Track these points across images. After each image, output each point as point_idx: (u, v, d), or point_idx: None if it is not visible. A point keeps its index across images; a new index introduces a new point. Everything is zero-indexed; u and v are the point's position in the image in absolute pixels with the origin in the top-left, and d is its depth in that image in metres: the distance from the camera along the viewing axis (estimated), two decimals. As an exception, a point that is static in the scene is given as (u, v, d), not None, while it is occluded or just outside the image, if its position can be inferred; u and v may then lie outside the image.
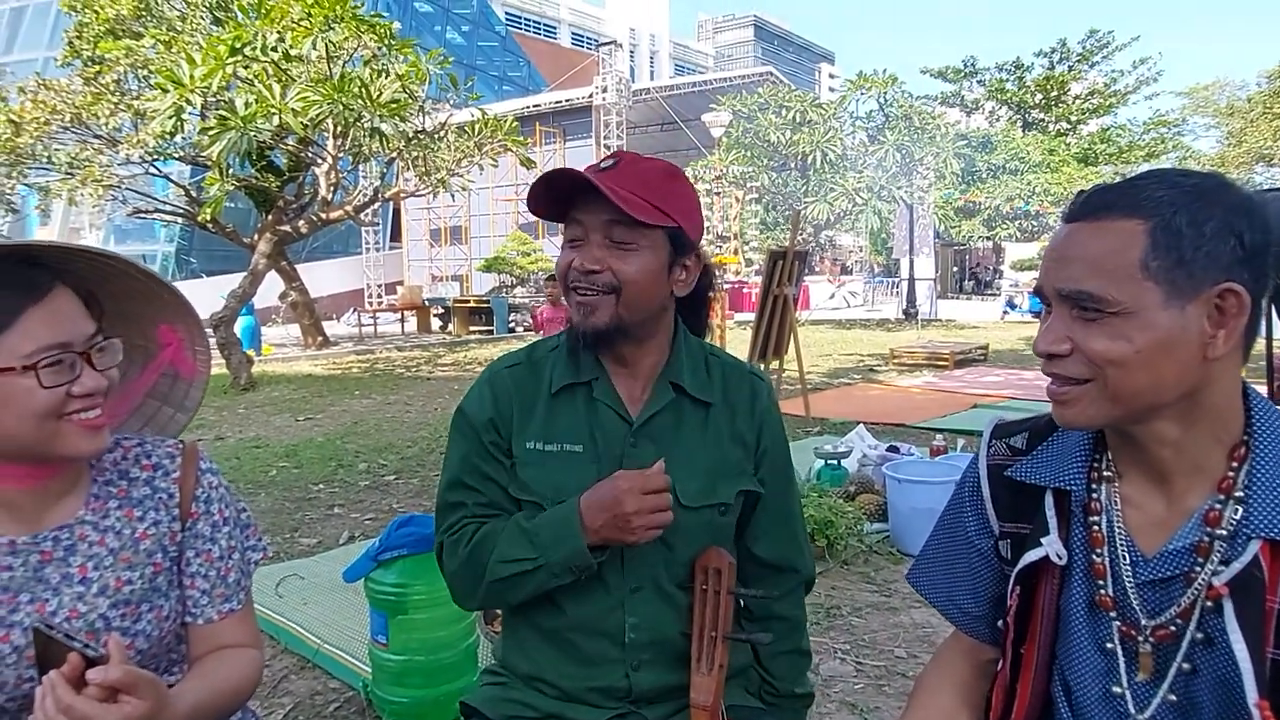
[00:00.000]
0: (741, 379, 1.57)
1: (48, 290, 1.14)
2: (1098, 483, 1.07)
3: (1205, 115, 36.18)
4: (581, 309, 1.41)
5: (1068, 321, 0.97)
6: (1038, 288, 1.02)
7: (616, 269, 1.38)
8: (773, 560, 1.58)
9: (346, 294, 28.51)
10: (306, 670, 3.29)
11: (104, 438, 1.20)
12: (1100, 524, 1.05)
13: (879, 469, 5.11)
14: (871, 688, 3.07)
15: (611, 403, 1.48)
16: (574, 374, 1.49)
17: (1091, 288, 0.94)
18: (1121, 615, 1.03)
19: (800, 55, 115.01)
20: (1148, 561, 1.01)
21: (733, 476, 1.50)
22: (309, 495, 5.95)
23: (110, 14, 13.32)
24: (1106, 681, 1.04)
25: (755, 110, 22.93)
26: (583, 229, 1.40)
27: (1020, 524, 1.14)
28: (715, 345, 1.64)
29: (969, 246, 34.40)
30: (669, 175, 1.44)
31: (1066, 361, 0.98)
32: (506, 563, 1.38)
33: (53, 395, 1.12)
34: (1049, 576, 1.08)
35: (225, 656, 1.33)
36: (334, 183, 13.19)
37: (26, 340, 1.11)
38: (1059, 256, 0.98)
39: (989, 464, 1.19)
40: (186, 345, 1.43)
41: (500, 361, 1.57)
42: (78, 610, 1.20)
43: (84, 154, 13.89)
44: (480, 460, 1.49)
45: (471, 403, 1.52)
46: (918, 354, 12.99)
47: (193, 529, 1.33)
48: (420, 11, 42.54)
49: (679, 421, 1.50)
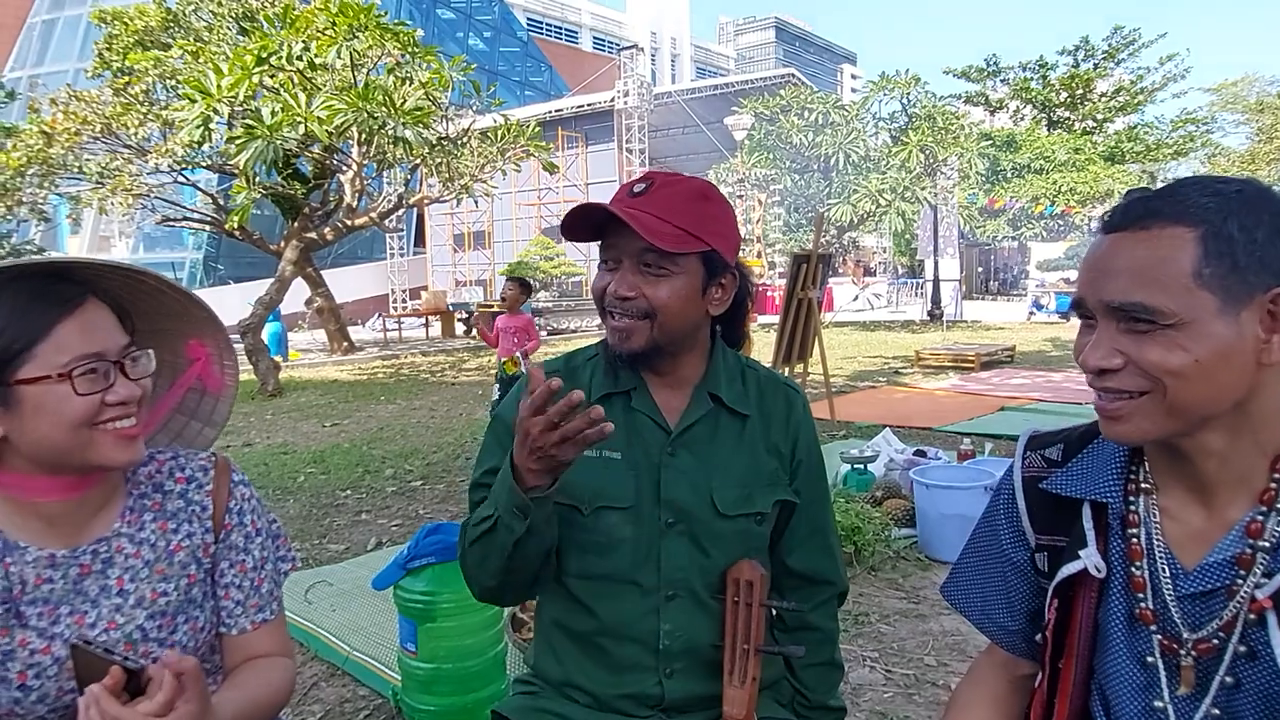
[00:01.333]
0: (777, 391, 1.58)
1: (80, 303, 1.16)
2: (1135, 495, 1.06)
3: (1234, 111, 35.73)
4: (618, 333, 1.43)
5: (1115, 334, 0.94)
6: (1077, 300, 0.99)
7: (650, 295, 1.40)
8: (807, 572, 1.58)
9: (371, 299, 28.69)
10: (336, 677, 3.31)
11: (138, 448, 1.21)
12: (1139, 537, 1.04)
13: (906, 473, 5.08)
14: (901, 696, 3.04)
15: (650, 412, 1.49)
16: (613, 384, 1.51)
17: (1144, 299, 0.91)
18: (1162, 629, 1.01)
19: (822, 57, 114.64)
20: (1188, 575, 1.00)
21: (769, 486, 1.51)
22: (336, 501, 5.99)
23: (139, 26, 13.53)
24: (1147, 696, 1.02)
25: (777, 112, 22.85)
26: (616, 253, 1.42)
27: (1056, 536, 1.12)
28: (751, 358, 1.64)
29: (994, 246, 34.15)
30: (702, 197, 1.44)
31: (1120, 375, 0.94)
32: (476, 525, 1.39)
33: (87, 403, 1.14)
34: (1087, 590, 1.07)
35: (259, 666, 1.34)
36: (359, 190, 13.29)
37: (61, 351, 1.13)
38: (1104, 268, 0.95)
39: (1024, 476, 1.18)
40: (215, 360, 1.45)
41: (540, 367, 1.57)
42: (115, 622, 1.22)
43: (114, 164, 14.06)
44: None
45: (508, 408, 1.53)
46: (943, 356, 12.89)
47: (226, 540, 1.35)
48: (443, 19, 42.78)
49: (716, 432, 1.51)
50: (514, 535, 1.32)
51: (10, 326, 1.12)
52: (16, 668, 1.16)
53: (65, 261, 1.20)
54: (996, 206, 29.59)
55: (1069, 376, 11.40)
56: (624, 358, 1.44)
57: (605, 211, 1.39)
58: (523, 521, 1.31)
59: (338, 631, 3.63)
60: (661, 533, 1.46)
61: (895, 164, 21.79)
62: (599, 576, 1.47)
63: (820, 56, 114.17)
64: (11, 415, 1.14)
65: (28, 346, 1.12)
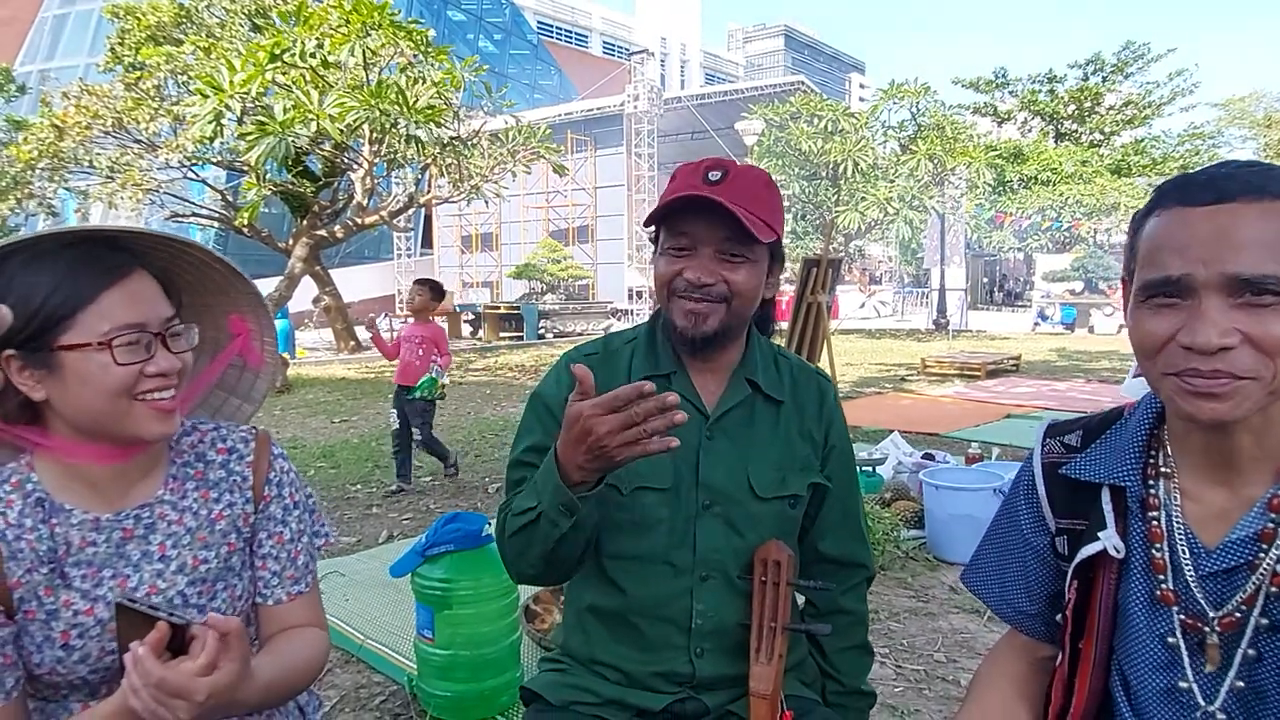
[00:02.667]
0: (809, 379, 1.61)
1: (127, 273, 1.18)
2: (1155, 479, 1.07)
3: (1242, 127, 35.74)
4: (693, 316, 1.44)
5: (1228, 310, 0.91)
6: (1172, 277, 0.94)
7: (731, 280, 1.43)
8: (839, 556, 1.61)
9: (378, 299, 28.74)
10: (351, 664, 3.33)
11: (174, 421, 1.23)
12: (1159, 519, 1.05)
13: (914, 476, 5.10)
14: (912, 691, 3.07)
15: (690, 395, 1.51)
16: (653, 366, 1.53)
17: (1277, 270, 0.89)
18: (1184, 609, 1.03)
19: (830, 65, 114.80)
20: (1210, 554, 1.01)
21: (802, 470, 1.53)
22: (347, 495, 6.01)
23: (151, 21, 13.61)
24: (1171, 676, 1.04)
25: (786, 119, 22.90)
26: (690, 239, 1.43)
27: (1076, 519, 1.14)
28: (782, 346, 1.67)
29: (1000, 257, 34.13)
30: (771, 187, 1.48)
31: (1234, 354, 0.91)
32: (517, 515, 1.38)
33: (127, 373, 1.15)
34: (1106, 571, 1.08)
35: (295, 636, 1.36)
36: (369, 188, 13.34)
37: (104, 319, 1.14)
38: (1225, 240, 0.91)
39: (1044, 461, 1.20)
40: (255, 336, 1.47)
41: (577, 350, 1.60)
42: (157, 587, 1.24)
43: (124, 158, 14.15)
44: (551, 440, 1.50)
45: (548, 386, 1.55)
46: (949, 364, 12.91)
47: (265, 511, 1.37)
48: (453, 20, 42.87)
49: (752, 417, 1.53)
50: (559, 530, 1.32)
51: (56, 292, 1.14)
52: (60, 627, 1.19)
53: (116, 231, 1.23)
54: (1004, 222, 29.59)
55: (1074, 386, 11.42)
56: (697, 341, 1.46)
57: (692, 201, 1.39)
58: (569, 519, 1.30)
59: (351, 620, 3.65)
60: (698, 514, 1.47)
61: (904, 172, 21.81)
62: (633, 556, 1.48)
63: (829, 65, 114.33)
64: (54, 380, 1.16)
65: (72, 313, 1.14)
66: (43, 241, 1.16)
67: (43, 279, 1.14)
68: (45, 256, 1.16)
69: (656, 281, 1.49)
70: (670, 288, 1.45)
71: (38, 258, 1.16)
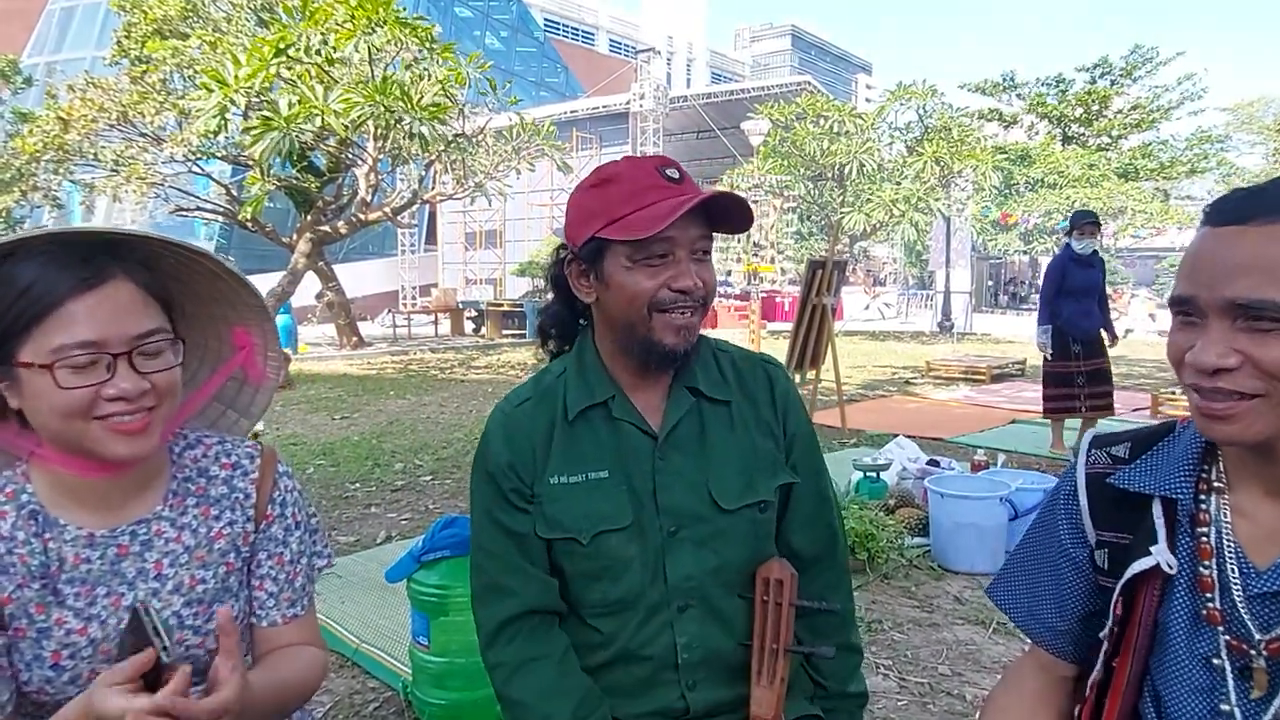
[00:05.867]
0: (754, 368, 1.53)
1: (101, 282, 1.10)
2: (1206, 494, 1.04)
3: (1250, 131, 35.66)
4: (686, 330, 1.36)
5: (1231, 332, 0.92)
6: (1183, 297, 0.95)
7: (706, 280, 1.37)
8: (811, 550, 1.53)
9: (381, 295, 28.71)
10: (345, 669, 3.29)
11: (143, 443, 1.14)
12: (1209, 536, 1.02)
13: (919, 482, 5.05)
14: (915, 705, 3.01)
15: (633, 419, 1.43)
16: (589, 395, 1.44)
17: (1275, 295, 0.89)
18: (1230, 630, 1.00)
19: (837, 65, 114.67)
20: (1260, 574, 0.98)
21: (768, 470, 1.46)
22: (346, 494, 5.97)
23: (158, 15, 13.55)
24: (1212, 699, 1.00)
25: (792, 119, 22.83)
26: (669, 245, 1.33)
27: (1121, 534, 1.11)
28: (721, 339, 1.59)
29: (1005, 260, 34.05)
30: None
31: (1235, 375, 0.92)
32: None
33: (75, 396, 1.08)
34: (1149, 588, 1.05)
35: (291, 654, 1.33)
36: (373, 185, 13.30)
37: (59, 334, 1.07)
38: (1227, 263, 0.92)
39: (1088, 472, 1.16)
40: (260, 350, 1.42)
41: (508, 401, 1.50)
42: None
43: (129, 152, 14.11)
44: (502, 514, 1.43)
45: (487, 448, 1.46)
46: (954, 367, 12.84)
47: (266, 531, 1.33)
48: (460, 16, 42.84)
49: (703, 426, 1.45)
50: None
51: (19, 301, 1.08)
52: (51, 646, 1.15)
53: (123, 234, 1.17)
54: (1010, 222, 29.50)
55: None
56: (681, 355, 1.38)
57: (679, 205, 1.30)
58: None
59: (346, 623, 3.61)
60: (665, 544, 1.41)
61: (910, 174, 21.73)
62: (615, 601, 1.42)
63: (835, 65, 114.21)
64: (17, 393, 1.12)
65: (28, 327, 1.08)
66: (31, 243, 1.11)
67: (11, 287, 1.09)
68: (34, 256, 1.10)
69: (633, 300, 1.34)
70: (654, 302, 1.34)
71: (26, 258, 1.10)
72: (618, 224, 1.32)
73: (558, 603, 1.44)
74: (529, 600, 1.42)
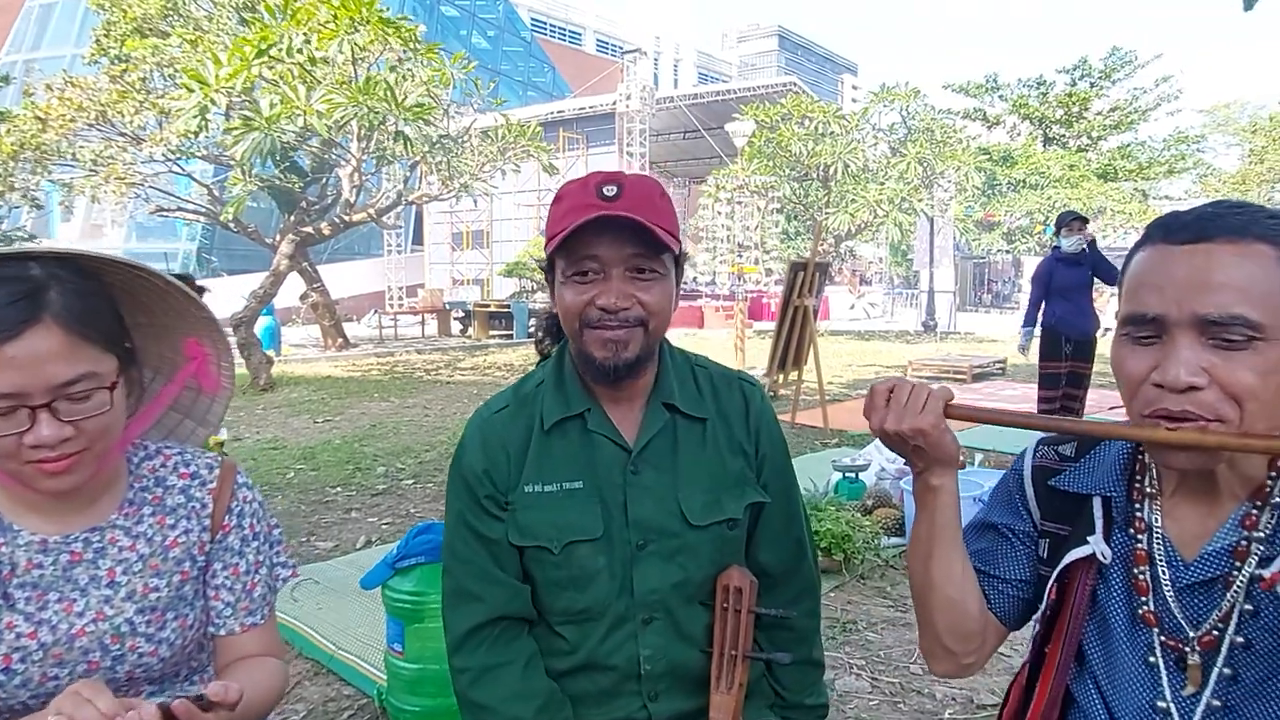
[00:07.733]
0: (731, 387, 1.54)
1: (23, 330, 1.08)
2: (1140, 499, 1.08)
3: (1226, 133, 35.99)
4: (613, 344, 1.36)
5: (1200, 350, 0.92)
6: (1150, 315, 0.95)
7: (645, 301, 1.35)
8: (778, 567, 1.54)
9: (367, 296, 28.62)
10: (320, 676, 3.29)
11: (71, 479, 1.14)
12: (1143, 541, 1.06)
13: (897, 482, 5.08)
14: (886, 704, 3.04)
15: (608, 433, 1.45)
16: (565, 407, 1.45)
17: (1245, 313, 0.90)
18: (1164, 629, 1.03)
19: (823, 66, 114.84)
20: (1187, 566, 1.02)
21: (738, 488, 1.48)
22: (326, 498, 5.96)
23: (138, 13, 13.47)
24: (1151, 695, 1.04)
25: (778, 120, 22.88)
26: (599, 263, 1.34)
27: (1060, 525, 1.15)
28: (701, 355, 1.60)
29: (988, 260, 34.22)
30: (665, 196, 1.40)
31: (1202, 395, 0.92)
32: None
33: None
34: (1084, 576, 1.09)
35: (248, 665, 1.33)
36: (357, 185, 13.25)
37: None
38: (1199, 281, 0.92)
39: (1034, 464, 1.21)
40: (212, 360, 1.43)
41: (487, 407, 1.52)
42: (104, 613, 1.21)
43: (108, 151, 13.98)
44: (475, 520, 1.45)
45: (463, 454, 1.48)
46: (935, 366, 12.91)
47: (222, 541, 1.34)
48: (446, 15, 42.76)
49: (676, 442, 1.47)
50: None
51: None
52: (2, 650, 1.15)
53: (70, 254, 1.17)
54: (994, 220, 29.67)
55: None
56: (619, 370, 1.37)
57: (600, 221, 1.30)
58: None
59: (323, 629, 3.61)
60: (633, 556, 1.43)
61: (894, 175, 21.83)
62: (580, 610, 1.44)
63: (821, 66, 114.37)
64: None
65: None
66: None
67: None
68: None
69: (564, 314, 1.38)
70: (582, 318, 1.36)
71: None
72: (551, 240, 1.37)
73: (528, 609, 1.46)
74: (498, 607, 1.43)
